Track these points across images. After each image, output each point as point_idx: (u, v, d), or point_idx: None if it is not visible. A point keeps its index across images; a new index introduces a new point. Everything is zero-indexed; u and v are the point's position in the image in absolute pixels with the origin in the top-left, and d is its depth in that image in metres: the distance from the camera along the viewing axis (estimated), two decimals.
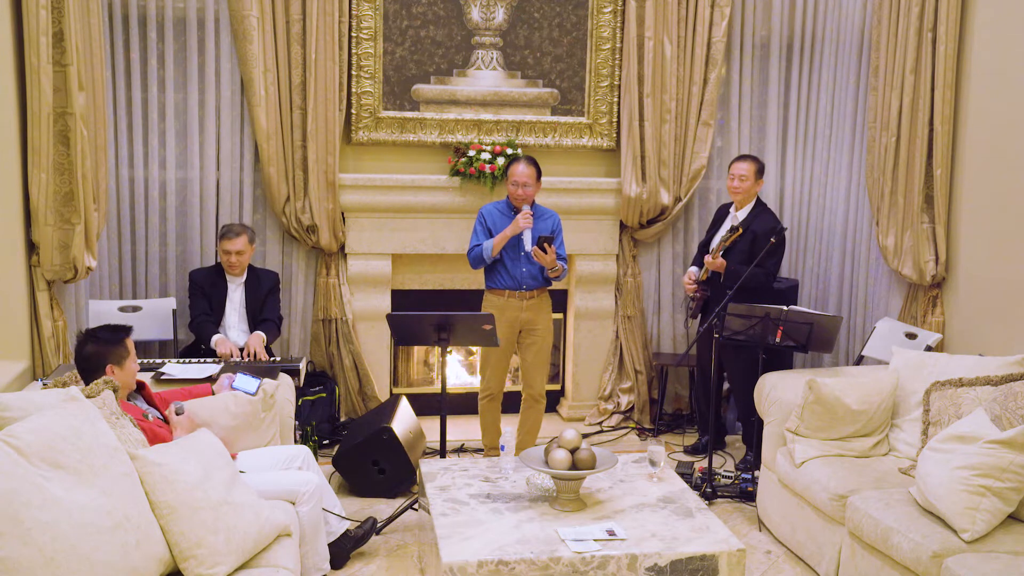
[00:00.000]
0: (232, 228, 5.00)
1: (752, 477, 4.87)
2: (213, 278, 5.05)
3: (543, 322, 5.01)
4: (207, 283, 5.03)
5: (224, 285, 5.04)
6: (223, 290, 5.03)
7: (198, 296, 5.03)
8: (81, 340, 3.49)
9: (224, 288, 5.04)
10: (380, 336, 5.78)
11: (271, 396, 4.00)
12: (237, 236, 4.96)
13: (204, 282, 5.04)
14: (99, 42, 4.63)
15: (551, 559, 3.15)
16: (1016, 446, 3.41)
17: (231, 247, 4.95)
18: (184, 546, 2.86)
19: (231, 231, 4.99)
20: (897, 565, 3.51)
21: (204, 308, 5.00)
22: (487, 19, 5.70)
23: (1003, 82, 4.83)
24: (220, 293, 5.03)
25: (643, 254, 6.10)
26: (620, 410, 6.06)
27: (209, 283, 5.03)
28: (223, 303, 5.03)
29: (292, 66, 5.37)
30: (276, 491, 3.51)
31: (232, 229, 4.99)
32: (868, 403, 4.21)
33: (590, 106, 5.87)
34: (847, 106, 5.89)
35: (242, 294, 5.05)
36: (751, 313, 4.66)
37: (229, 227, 5.02)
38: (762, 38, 6.02)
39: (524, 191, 4.85)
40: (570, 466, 3.48)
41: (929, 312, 5.29)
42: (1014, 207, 4.73)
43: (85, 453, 2.71)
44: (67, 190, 4.45)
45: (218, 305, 5.02)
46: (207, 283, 5.03)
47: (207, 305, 5.01)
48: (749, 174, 5.19)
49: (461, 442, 5.58)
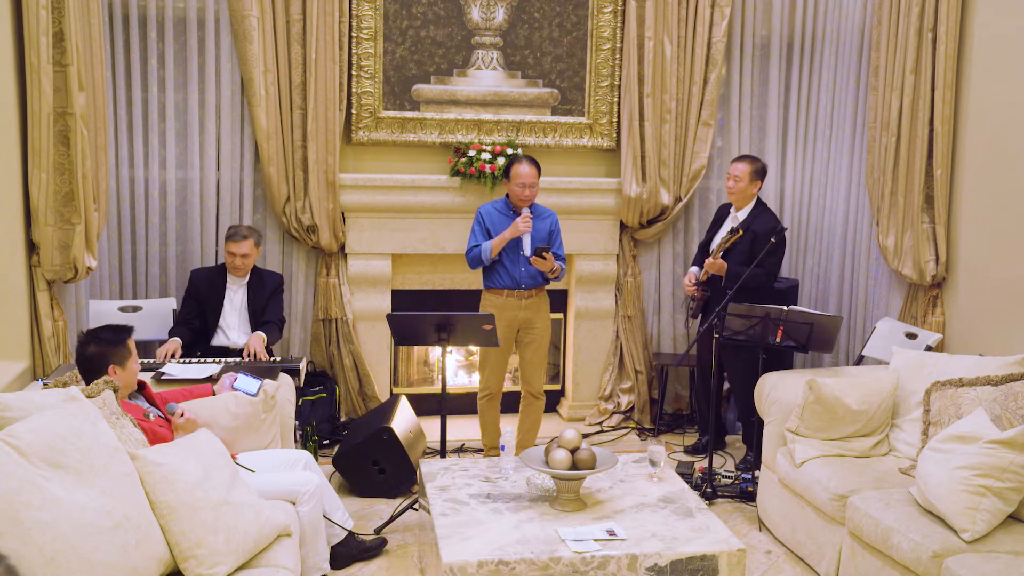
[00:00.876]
0: (239, 230, 4.96)
1: (752, 477, 4.87)
2: (213, 278, 5.02)
3: (541, 321, 5.01)
4: (205, 284, 5.00)
5: (223, 286, 5.01)
6: (221, 291, 5.00)
7: (190, 299, 4.99)
8: (83, 340, 3.49)
9: (223, 289, 5.01)
10: (380, 336, 5.78)
11: (272, 397, 4.00)
12: (244, 239, 4.92)
13: (202, 283, 5.00)
14: (99, 42, 4.63)
15: (551, 559, 3.15)
16: (1016, 446, 3.41)
17: (237, 250, 4.91)
18: (184, 546, 2.86)
19: (238, 233, 4.94)
20: (897, 565, 3.51)
21: (189, 314, 4.95)
22: (487, 19, 5.70)
23: (1003, 82, 4.83)
24: (218, 294, 4.99)
25: (643, 254, 6.10)
26: (620, 410, 6.06)
27: (207, 284, 5.00)
28: (220, 304, 4.99)
29: (292, 66, 5.37)
30: (276, 491, 3.51)
31: (239, 231, 4.95)
32: (868, 403, 4.21)
33: (590, 106, 5.87)
34: (847, 106, 5.89)
35: (244, 295, 5.03)
36: (751, 313, 4.66)
37: (236, 229, 4.98)
38: (762, 38, 6.02)
39: (530, 191, 4.84)
40: (570, 466, 3.48)
41: (929, 312, 5.29)
42: (1014, 207, 4.73)
43: (85, 453, 2.71)
44: (67, 190, 4.45)
45: (215, 306, 4.98)
46: (205, 284, 5.00)
47: (195, 310, 4.96)
48: (743, 175, 5.19)
49: (461, 442, 5.58)
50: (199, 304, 4.98)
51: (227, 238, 4.97)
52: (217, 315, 4.99)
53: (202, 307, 4.99)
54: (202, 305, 4.99)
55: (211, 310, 4.99)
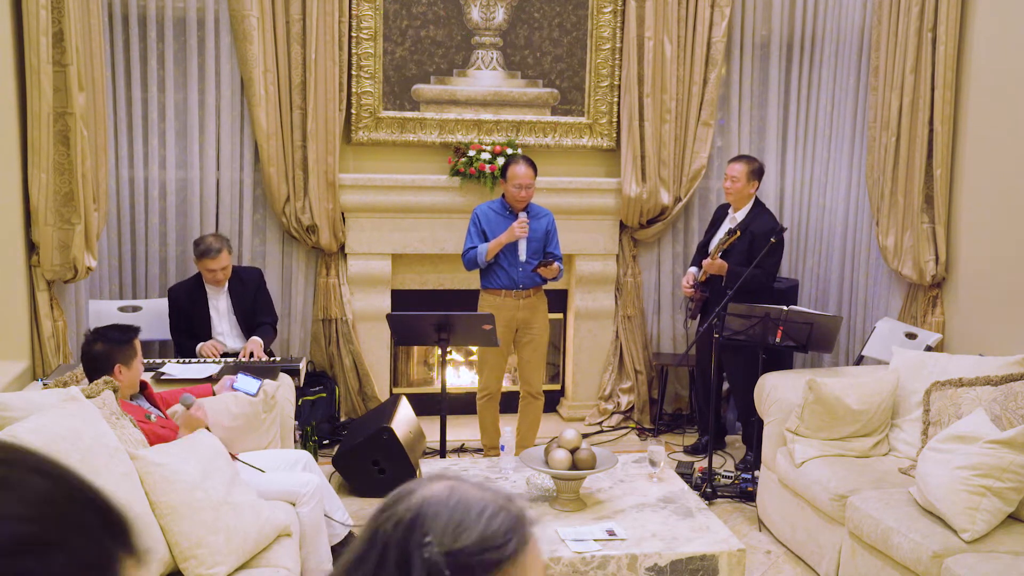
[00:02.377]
0: (211, 246, 4.69)
1: (752, 477, 4.87)
2: (191, 292, 4.87)
3: (539, 321, 5.00)
4: (185, 299, 4.85)
5: (204, 297, 4.86)
6: (204, 302, 4.85)
7: (175, 315, 4.87)
8: (90, 339, 3.49)
9: (204, 300, 4.86)
10: (380, 336, 5.78)
11: (272, 397, 4.00)
12: (219, 253, 4.69)
13: (182, 299, 4.86)
14: (99, 42, 4.63)
15: (551, 559, 3.15)
16: (1016, 446, 3.41)
17: (215, 266, 4.70)
18: (184, 546, 2.86)
19: (211, 249, 4.68)
20: (897, 565, 3.51)
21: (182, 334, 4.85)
22: (487, 19, 5.70)
23: (1003, 82, 4.83)
24: (201, 307, 4.85)
25: (643, 254, 6.10)
26: (620, 410, 6.06)
27: (187, 299, 4.85)
28: (207, 316, 4.86)
29: (292, 66, 5.37)
30: (276, 492, 3.51)
31: (211, 247, 4.68)
32: (868, 403, 4.21)
33: (590, 106, 5.87)
34: (847, 106, 5.89)
35: (227, 301, 4.90)
36: (751, 313, 4.66)
37: (207, 246, 4.69)
38: (762, 38, 6.02)
39: (527, 192, 4.83)
40: (570, 466, 3.48)
41: (929, 312, 5.29)
42: (1014, 207, 4.73)
43: (85, 453, 2.71)
44: (67, 190, 4.45)
45: (202, 319, 4.85)
46: (185, 299, 4.85)
47: (184, 326, 4.85)
48: (740, 175, 5.19)
49: (461, 442, 5.58)
50: (186, 320, 4.86)
51: (200, 255, 4.70)
52: (207, 327, 4.86)
53: (189, 323, 4.87)
54: (188, 321, 4.86)
55: (199, 324, 4.85)
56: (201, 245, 4.77)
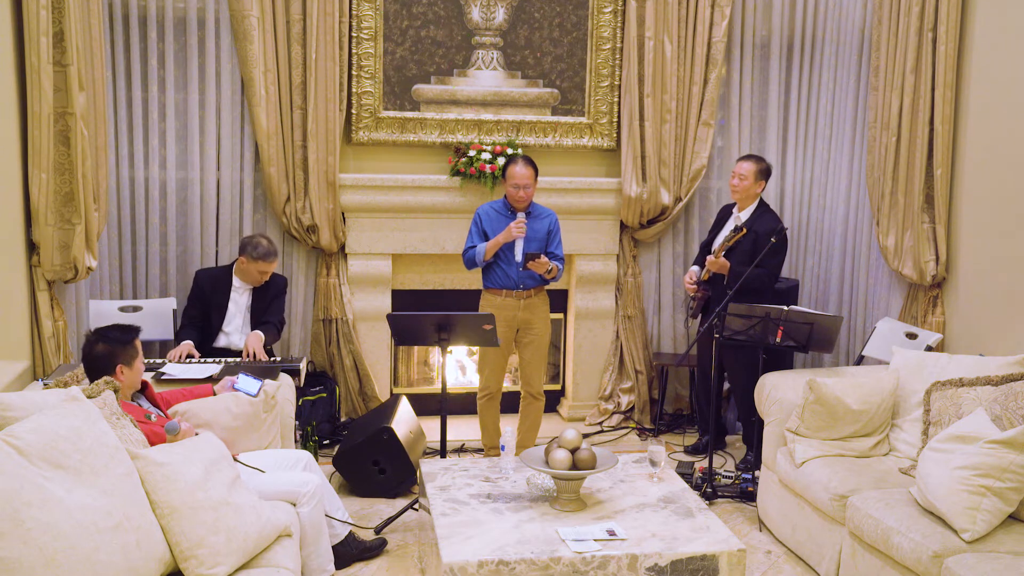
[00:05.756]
0: (269, 250, 4.85)
1: (752, 477, 4.87)
2: (218, 280, 4.98)
3: (540, 321, 5.01)
4: (210, 285, 4.96)
5: (229, 288, 4.97)
6: (227, 293, 4.96)
7: (195, 299, 4.97)
8: (91, 339, 3.49)
9: (228, 291, 4.97)
10: (380, 336, 5.78)
11: (272, 397, 4.00)
12: (275, 259, 4.88)
13: (207, 284, 4.96)
14: (99, 42, 4.63)
15: (551, 559, 3.15)
16: (1016, 446, 3.41)
17: (269, 269, 4.88)
18: (185, 546, 2.86)
19: (270, 253, 4.85)
20: (897, 565, 3.51)
21: (196, 316, 4.94)
22: (487, 19, 5.70)
23: (1003, 82, 4.83)
24: (223, 296, 4.96)
25: (643, 254, 6.10)
26: (620, 410, 6.06)
27: (212, 286, 4.96)
28: (225, 306, 4.96)
29: (292, 66, 5.37)
30: (277, 492, 3.52)
31: (270, 251, 4.85)
32: (868, 403, 4.21)
33: (590, 106, 5.87)
34: (847, 106, 5.89)
35: (249, 298, 4.99)
36: (751, 313, 4.66)
37: (266, 249, 4.84)
38: (762, 38, 6.02)
39: (525, 192, 4.84)
40: (570, 466, 3.48)
41: (929, 312, 5.29)
42: (1014, 207, 4.73)
43: (86, 453, 2.71)
44: (67, 190, 4.45)
45: (220, 308, 4.95)
46: (210, 285, 4.96)
47: (200, 311, 4.94)
48: (749, 174, 5.20)
49: (461, 442, 5.58)
50: (203, 305, 4.96)
51: (258, 257, 4.82)
52: (222, 317, 4.96)
53: (206, 308, 4.96)
54: (206, 307, 4.96)
55: (216, 312, 4.96)
56: (260, 248, 4.85)
